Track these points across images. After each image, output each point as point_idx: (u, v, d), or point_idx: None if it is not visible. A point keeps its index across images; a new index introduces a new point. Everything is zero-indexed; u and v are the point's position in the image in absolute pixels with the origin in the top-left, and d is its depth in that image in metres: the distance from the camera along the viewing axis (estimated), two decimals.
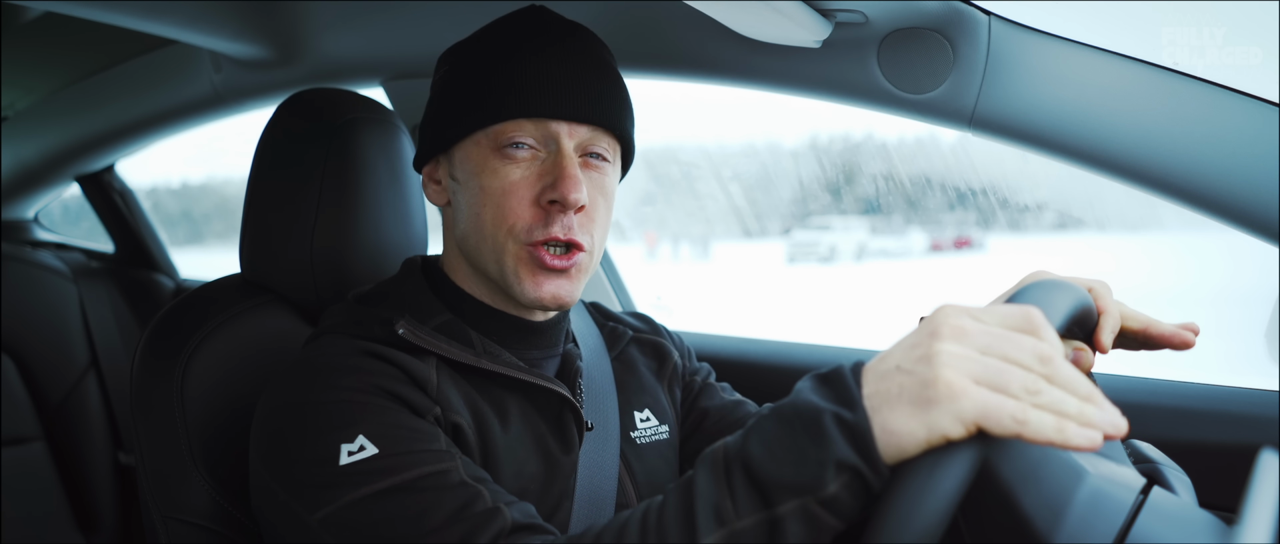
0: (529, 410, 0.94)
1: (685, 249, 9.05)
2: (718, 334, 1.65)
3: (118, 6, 1.36)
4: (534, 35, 0.93)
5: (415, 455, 0.78)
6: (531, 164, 0.91)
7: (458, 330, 0.94)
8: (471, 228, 0.93)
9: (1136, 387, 1.18)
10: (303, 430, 0.81)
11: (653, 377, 1.12)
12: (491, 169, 0.91)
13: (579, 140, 0.92)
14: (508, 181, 0.90)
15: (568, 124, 0.91)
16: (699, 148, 5.13)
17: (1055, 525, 0.62)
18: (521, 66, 0.91)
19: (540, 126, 0.90)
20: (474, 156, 0.92)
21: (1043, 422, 0.54)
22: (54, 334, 2.32)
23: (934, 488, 0.54)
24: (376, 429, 0.79)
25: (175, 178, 4.62)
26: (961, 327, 0.58)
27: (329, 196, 1.09)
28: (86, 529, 2.28)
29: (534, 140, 0.91)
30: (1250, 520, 0.55)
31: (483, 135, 0.92)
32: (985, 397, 0.55)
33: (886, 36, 1.09)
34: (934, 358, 0.57)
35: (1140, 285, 1.36)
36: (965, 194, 1.75)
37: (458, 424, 0.87)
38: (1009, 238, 6.95)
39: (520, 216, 0.90)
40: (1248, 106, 0.96)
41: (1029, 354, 0.57)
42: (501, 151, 0.91)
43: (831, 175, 4.38)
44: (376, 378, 0.83)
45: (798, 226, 8.15)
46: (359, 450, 0.77)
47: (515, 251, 0.90)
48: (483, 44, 0.95)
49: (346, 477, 0.77)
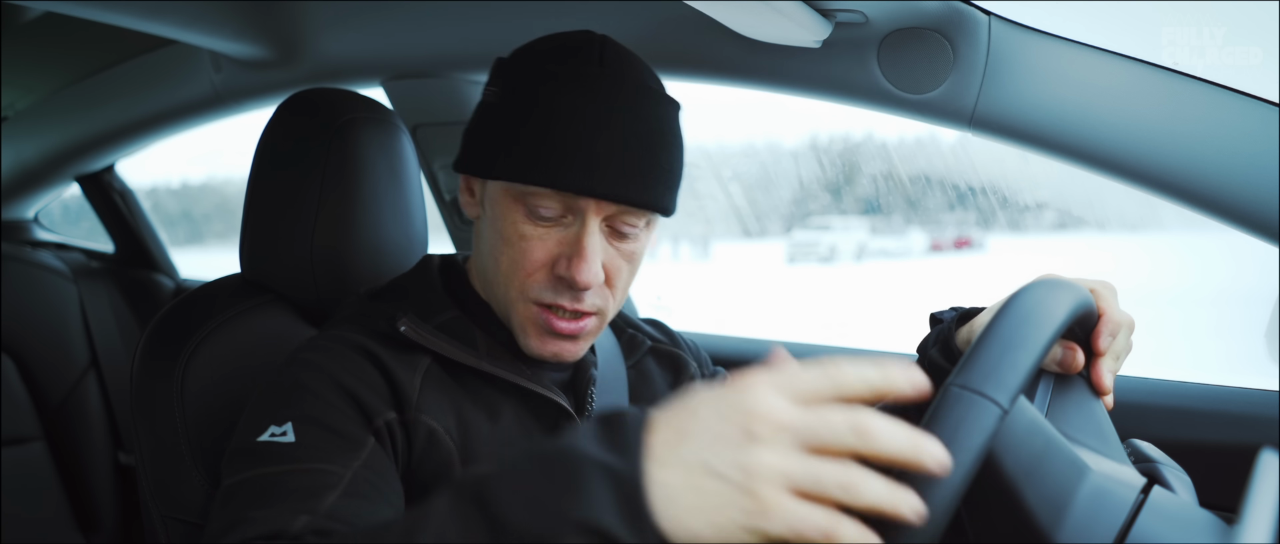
0: (525, 417, 0.94)
1: (685, 249, 9.05)
2: (718, 334, 1.64)
3: (118, 6, 1.36)
4: (579, 88, 0.84)
5: (314, 460, 0.78)
6: (552, 231, 0.86)
7: (462, 329, 0.93)
8: (490, 263, 0.91)
9: (1136, 387, 1.18)
10: (255, 405, 0.84)
11: (668, 389, 1.10)
12: (512, 222, 0.86)
13: (607, 214, 0.86)
14: (523, 239, 0.86)
15: (595, 200, 0.84)
16: (699, 148, 5.12)
17: (1058, 522, 0.62)
18: (554, 129, 0.83)
19: (564, 199, 0.84)
20: (500, 199, 0.88)
21: (847, 531, 0.50)
22: (54, 334, 2.32)
23: (938, 482, 0.54)
24: (306, 421, 0.80)
25: (175, 178, 4.62)
26: (779, 421, 0.51)
27: (329, 196, 1.08)
28: (86, 529, 2.28)
29: (558, 209, 0.85)
30: (1250, 520, 0.55)
31: (512, 188, 0.86)
32: (798, 513, 0.50)
33: (886, 36, 1.09)
34: (751, 469, 0.50)
35: (1140, 285, 1.36)
36: (965, 194, 1.75)
37: (432, 429, 0.86)
38: (1009, 238, 6.95)
39: (533, 279, 0.87)
40: (1248, 106, 0.96)
41: (845, 430, 0.51)
42: (526, 207, 0.86)
43: (831, 175, 4.38)
44: (341, 373, 0.84)
45: (798, 226, 8.14)
46: (282, 435, 0.78)
47: (523, 309, 0.89)
48: (529, 78, 0.87)
49: (254, 453, 0.78)
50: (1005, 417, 0.59)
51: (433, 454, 0.87)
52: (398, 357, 0.88)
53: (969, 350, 0.63)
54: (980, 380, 0.60)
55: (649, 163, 0.85)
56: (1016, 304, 0.66)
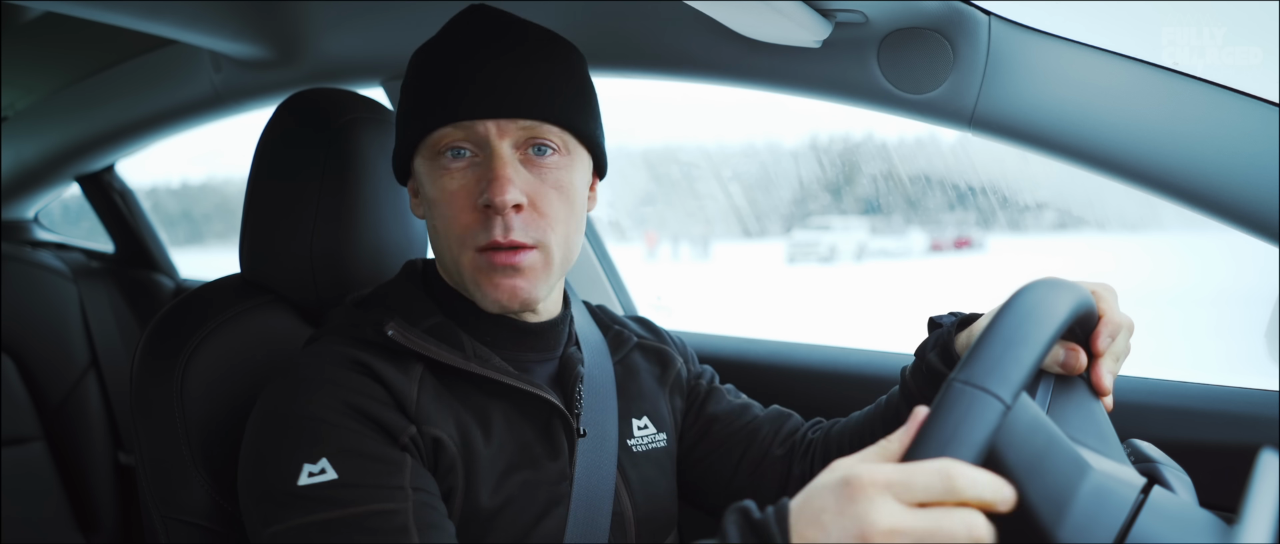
0: (514, 417, 0.94)
1: (685, 249, 9.05)
2: (718, 334, 1.64)
3: (118, 6, 1.36)
4: (463, 38, 0.92)
5: (369, 491, 0.79)
6: (469, 171, 0.90)
7: (448, 333, 0.93)
8: (438, 238, 0.94)
9: (1136, 387, 1.18)
10: (275, 443, 0.83)
11: (655, 383, 1.11)
12: (433, 180, 0.92)
13: (514, 138, 0.90)
14: (447, 191, 0.90)
15: (494, 122, 0.88)
16: (699, 148, 5.13)
17: (1059, 520, 0.62)
18: (444, 71, 0.90)
19: (467, 130, 0.89)
20: (423, 170, 0.94)
21: None
22: (54, 334, 2.32)
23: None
24: (341, 454, 0.81)
25: (175, 178, 4.62)
26: (894, 525, 0.55)
27: (329, 197, 1.09)
28: (86, 529, 2.28)
29: (469, 146, 0.90)
30: (1250, 520, 0.55)
31: (424, 147, 0.92)
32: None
33: (886, 36, 1.09)
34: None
35: (1140, 285, 1.36)
36: (965, 194, 1.75)
37: (438, 438, 0.87)
38: (1009, 238, 6.95)
39: (464, 225, 0.90)
40: (1248, 106, 0.96)
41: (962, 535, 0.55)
42: (440, 162, 0.91)
43: (831, 175, 4.38)
44: (354, 396, 0.84)
45: (798, 226, 8.14)
46: (320, 473, 0.79)
47: (470, 261, 0.90)
48: (420, 55, 0.95)
49: (301, 498, 0.79)
50: (1008, 412, 0.59)
51: (441, 464, 0.88)
52: (391, 366, 0.89)
53: (971, 346, 0.63)
54: (983, 376, 0.60)
55: (536, 79, 0.90)
56: (1018, 302, 0.66)
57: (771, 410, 1.14)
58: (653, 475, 1.05)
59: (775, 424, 1.11)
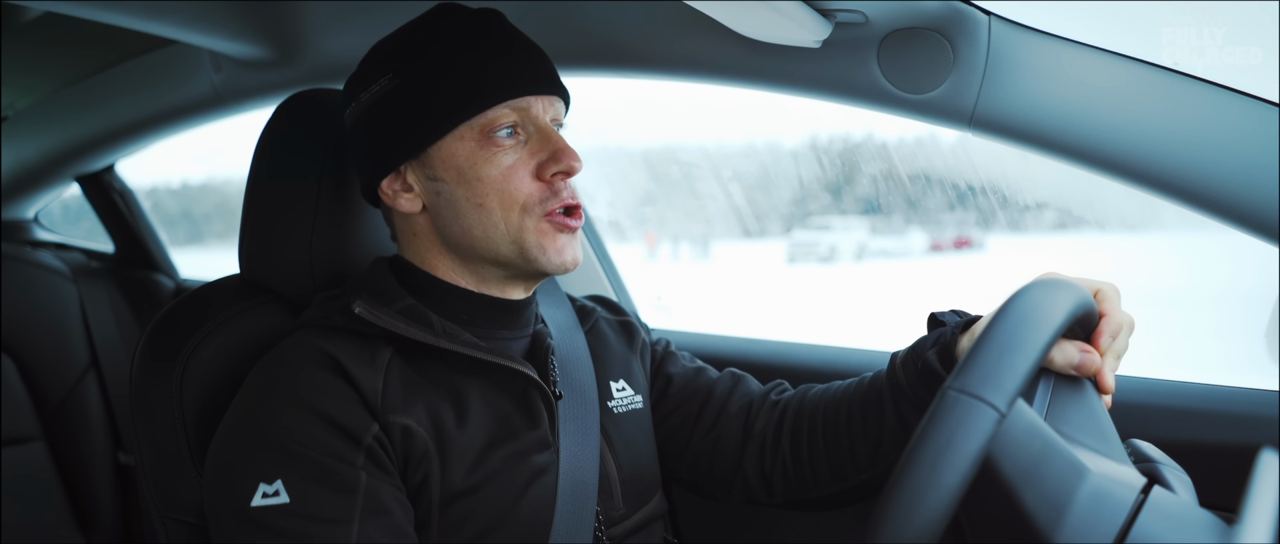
0: (490, 392, 0.96)
1: (685, 249, 9.05)
2: (718, 334, 1.64)
3: (118, 6, 1.36)
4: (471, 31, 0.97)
5: (316, 524, 0.82)
6: (519, 147, 0.96)
7: (417, 313, 0.96)
8: (474, 220, 0.95)
9: (1136, 387, 1.18)
10: (237, 456, 0.87)
11: (625, 348, 1.16)
12: (487, 157, 0.95)
13: (552, 115, 0.99)
14: (504, 167, 0.95)
15: (540, 99, 0.97)
16: (699, 148, 5.13)
17: (1057, 524, 0.62)
18: (479, 59, 0.95)
19: (520, 111, 0.96)
20: (460, 152, 0.95)
21: None
22: (54, 334, 2.32)
23: (935, 486, 0.54)
24: (296, 480, 0.83)
25: (175, 178, 4.62)
26: None
27: (328, 197, 1.09)
28: (86, 529, 2.28)
29: (518, 123, 0.96)
30: (1250, 520, 0.55)
31: (467, 129, 0.95)
32: None
33: (886, 36, 1.09)
34: None
35: (1140, 285, 1.36)
36: (965, 194, 1.75)
37: (407, 427, 0.89)
38: (1009, 238, 6.94)
39: (528, 193, 0.95)
40: (1248, 106, 0.96)
41: None
42: (492, 140, 0.95)
43: (831, 175, 4.38)
44: (320, 398, 0.86)
45: (798, 226, 8.14)
46: (274, 495, 0.82)
47: (536, 227, 0.95)
48: (418, 49, 0.98)
49: (251, 522, 0.82)
50: (1002, 420, 0.59)
51: (412, 453, 0.89)
52: (359, 356, 0.90)
53: (967, 353, 0.63)
54: (977, 384, 0.59)
55: (547, 61, 1.01)
56: (1014, 306, 0.66)
57: (726, 372, 1.19)
58: (635, 435, 1.08)
59: (729, 384, 1.16)
